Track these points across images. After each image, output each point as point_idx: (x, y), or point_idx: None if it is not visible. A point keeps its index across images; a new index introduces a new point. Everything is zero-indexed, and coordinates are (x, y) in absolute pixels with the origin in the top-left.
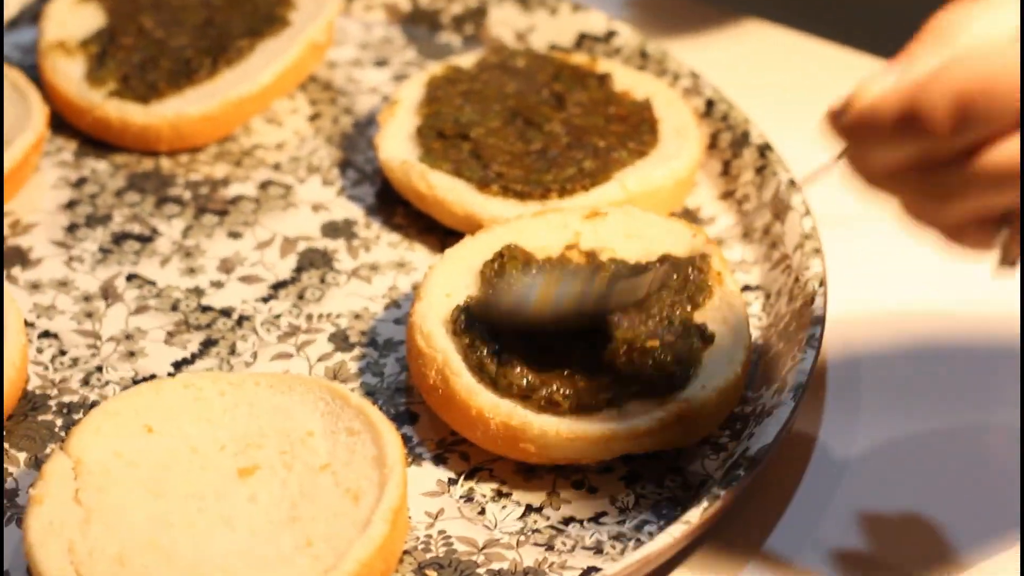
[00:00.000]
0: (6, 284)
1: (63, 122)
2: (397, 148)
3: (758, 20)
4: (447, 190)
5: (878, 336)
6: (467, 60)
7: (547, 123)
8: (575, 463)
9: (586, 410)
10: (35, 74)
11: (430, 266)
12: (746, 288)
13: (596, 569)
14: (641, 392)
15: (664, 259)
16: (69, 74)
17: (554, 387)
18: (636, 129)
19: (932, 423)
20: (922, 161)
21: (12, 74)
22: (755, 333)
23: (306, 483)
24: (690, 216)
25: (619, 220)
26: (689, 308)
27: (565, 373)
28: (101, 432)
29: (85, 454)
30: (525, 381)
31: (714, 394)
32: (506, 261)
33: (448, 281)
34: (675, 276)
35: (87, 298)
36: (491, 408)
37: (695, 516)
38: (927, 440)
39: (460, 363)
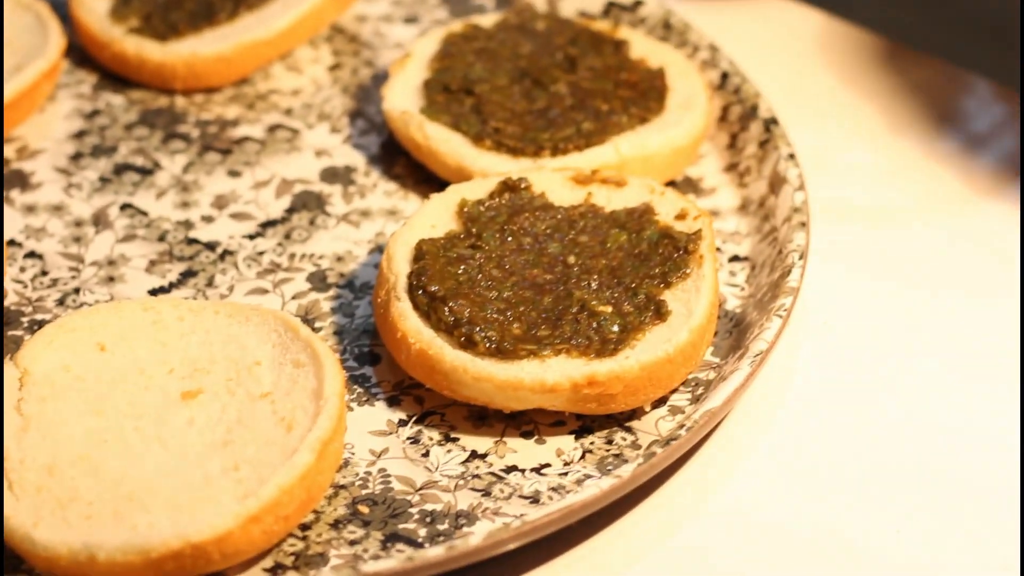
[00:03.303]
0: None
1: (88, 57)
2: (401, 99)
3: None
4: (442, 141)
5: (856, 315)
6: (488, 20)
7: (554, 84)
8: (486, 405)
9: (505, 356)
10: (66, 12)
11: (431, 195)
12: (735, 259)
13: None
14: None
15: (664, 234)
16: (94, 9)
17: (477, 327)
18: (643, 96)
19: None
20: None
21: (36, 5)
22: (736, 302)
23: (245, 410)
24: (691, 186)
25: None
26: (660, 285)
27: (509, 315)
28: (53, 345)
29: (33, 365)
30: (451, 316)
31: (636, 367)
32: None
33: (439, 214)
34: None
35: (78, 223)
36: (414, 333)
37: (627, 472)
38: (884, 423)
39: (405, 288)
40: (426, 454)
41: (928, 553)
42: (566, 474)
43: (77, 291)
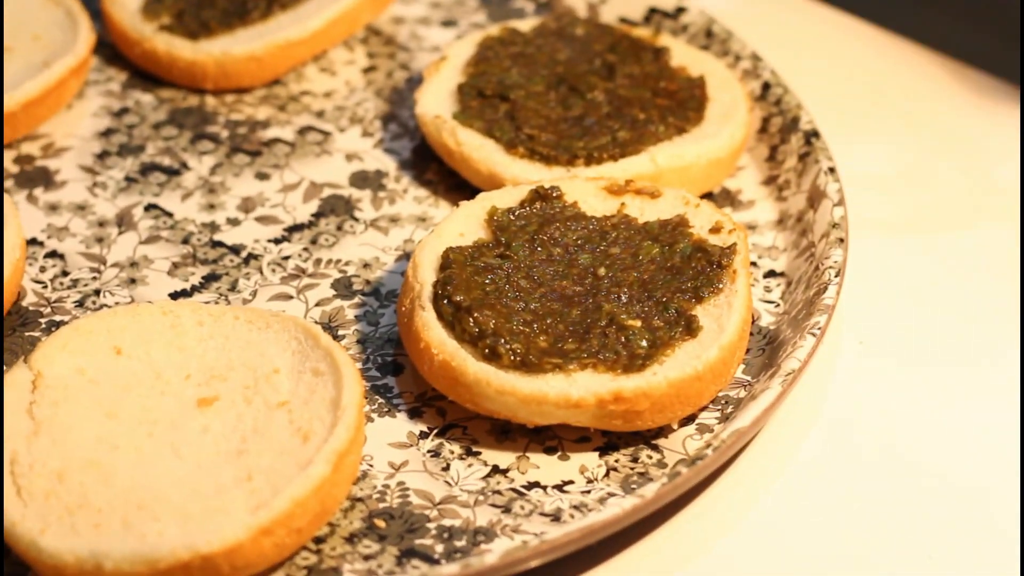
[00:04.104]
0: (11, 201)
1: (118, 54)
2: (434, 103)
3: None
4: (474, 148)
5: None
6: (527, 24)
7: (591, 91)
8: (510, 419)
9: (530, 369)
10: (97, 8)
11: (460, 202)
12: (771, 274)
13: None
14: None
15: (698, 247)
16: (126, 5)
17: (502, 339)
18: (682, 106)
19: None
20: None
21: (67, 0)
22: (770, 319)
23: (261, 419)
24: (729, 198)
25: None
26: (692, 300)
27: (535, 327)
28: (67, 348)
29: (47, 368)
30: (475, 327)
31: (663, 383)
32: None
33: (468, 222)
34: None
35: (101, 223)
36: (437, 344)
37: (651, 491)
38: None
39: (430, 298)
40: (446, 468)
41: None
42: (589, 492)
43: (98, 293)
